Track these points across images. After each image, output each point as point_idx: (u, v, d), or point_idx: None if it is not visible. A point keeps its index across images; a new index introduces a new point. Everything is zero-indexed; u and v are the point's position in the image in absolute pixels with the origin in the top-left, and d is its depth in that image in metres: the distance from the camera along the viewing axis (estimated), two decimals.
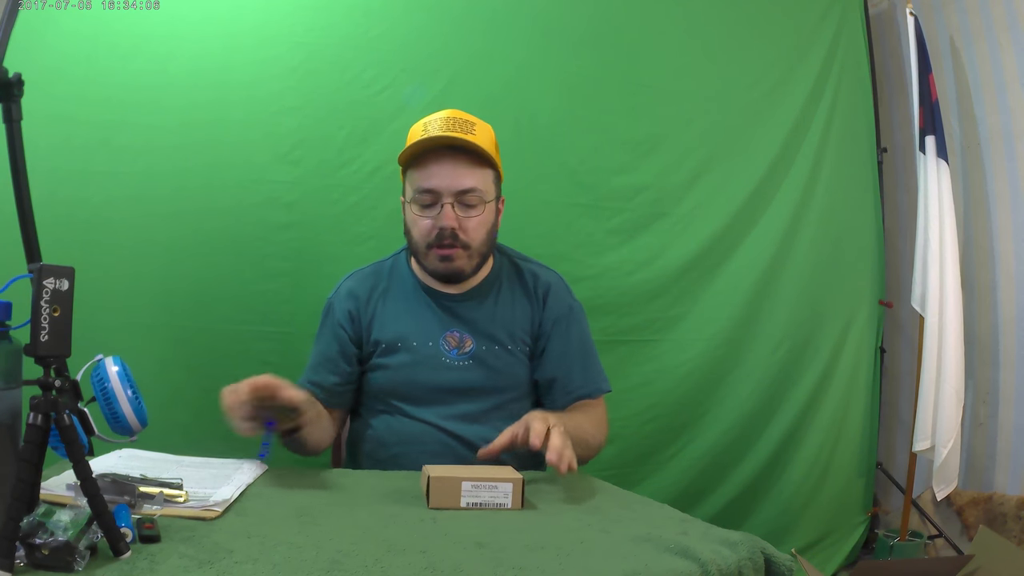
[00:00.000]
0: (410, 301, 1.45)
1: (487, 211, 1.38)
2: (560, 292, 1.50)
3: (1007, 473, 2.24)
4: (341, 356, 1.43)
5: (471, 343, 1.41)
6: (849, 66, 2.49)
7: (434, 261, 1.38)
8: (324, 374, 1.43)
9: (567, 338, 1.46)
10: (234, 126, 1.85)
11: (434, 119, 1.37)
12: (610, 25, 2.18)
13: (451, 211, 1.33)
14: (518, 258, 1.54)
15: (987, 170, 2.36)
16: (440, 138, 1.33)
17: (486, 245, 1.40)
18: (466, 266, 1.38)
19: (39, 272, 0.68)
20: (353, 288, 1.47)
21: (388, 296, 1.46)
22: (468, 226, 1.36)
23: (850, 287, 2.45)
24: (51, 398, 0.69)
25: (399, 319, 1.43)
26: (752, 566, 0.83)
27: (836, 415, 2.38)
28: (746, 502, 2.28)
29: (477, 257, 1.39)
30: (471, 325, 1.42)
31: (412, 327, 1.42)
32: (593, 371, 1.48)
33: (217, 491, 0.93)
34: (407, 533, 0.85)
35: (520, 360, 1.44)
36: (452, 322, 1.42)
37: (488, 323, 1.43)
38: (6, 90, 0.73)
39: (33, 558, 0.65)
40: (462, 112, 1.40)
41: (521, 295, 1.48)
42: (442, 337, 1.41)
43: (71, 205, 1.74)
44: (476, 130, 1.37)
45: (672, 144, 2.23)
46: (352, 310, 1.44)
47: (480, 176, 1.36)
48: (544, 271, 1.52)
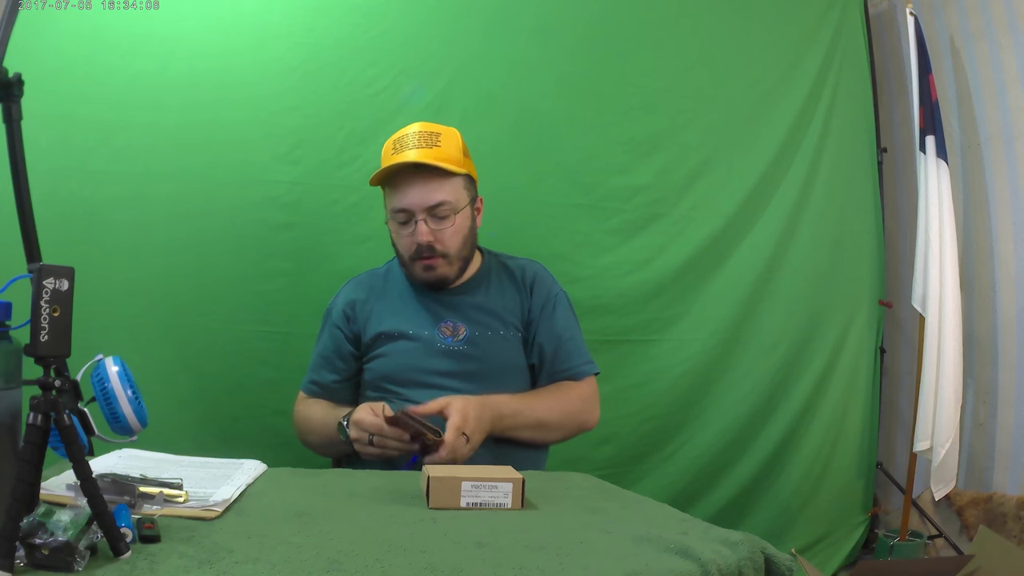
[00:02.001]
0: (405, 299, 1.54)
1: (460, 219, 1.46)
2: (545, 280, 1.58)
3: (1007, 473, 2.24)
4: (337, 355, 1.53)
5: (464, 330, 1.48)
6: (849, 66, 2.49)
7: (419, 271, 1.48)
8: (323, 373, 1.54)
9: (551, 322, 1.54)
10: (234, 126, 1.85)
11: (402, 136, 1.45)
12: (609, 26, 2.18)
13: (424, 227, 1.42)
14: (504, 257, 1.62)
15: (987, 170, 2.36)
16: (404, 164, 1.42)
17: (465, 249, 1.50)
18: (448, 272, 1.48)
19: (39, 272, 0.68)
20: (350, 292, 1.58)
21: (385, 295, 1.55)
22: (443, 237, 1.45)
23: (850, 287, 2.45)
24: (51, 398, 0.69)
25: (396, 314, 1.51)
26: (752, 566, 0.83)
27: (836, 415, 2.38)
28: (745, 502, 2.27)
29: (458, 262, 1.49)
30: (463, 313, 1.50)
31: (409, 319, 1.50)
32: (576, 353, 1.53)
33: (217, 491, 0.93)
34: (407, 533, 0.85)
35: (513, 345, 1.51)
36: (446, 312, 1.50)
37: (480, 311, 1.50)
38: (6, 90, 0.73)
39: (33, 558, 0.65)
40: (429, 124, 1.48)
41: (510, 285, 1.56)
42: (437, 327, 1.49)
43: (71, 205, 1.74)
44: (442, 140, 1.44)
45: (671, 144, 2.23)
46: (348, 311, 1.54)
47: (449, 188, 1.44)
48: (529, 263, 1.61)
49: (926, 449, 2.17)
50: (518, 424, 1.40)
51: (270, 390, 1.84)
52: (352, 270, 1.69)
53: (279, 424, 1.83)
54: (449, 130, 1.47)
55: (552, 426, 1.46)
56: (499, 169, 2.02)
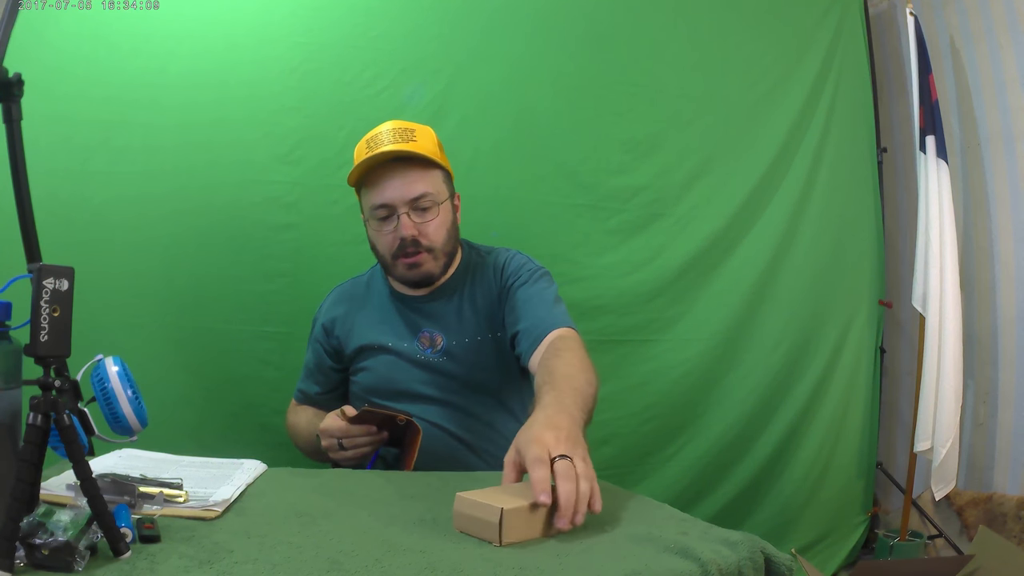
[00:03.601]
0: (384, 310, 1.51)
1: (442, 211, 1.42)
2: (513, 260, 1.49)
3: (1007, 473, 2.24)
4: (318, 369, 1.55)
5: (442, 340, 1.45)
6: (849, 66, 2.49)
7: (402, 270, 1.43)
8: (309, 383, 1.57)
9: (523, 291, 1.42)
10: (234, 126, 1.85)
11: (376, 135, 1.42)
12: (609, 26, 2.18)
13: (408, 220, 1.38)
14: (483, 251, 1.56)
15: (987, 170, 2.36)
16: (382, 153, 1.37)
17: (449, 244, 1.45)
18: (433, 268, 1.43)
19: (39, 272, 0.68)
20: (332, 305, 1.57)
21: (365, 307, 1.53)
22: (427, 230, 1.40)
23: (850, 287, 2.45)
24: (51, 398, 0.69)
25: (375, 327, 1.49)
26: (752, 566, 0.83)
27: (836, 415, 2.38)
28: (746, 502, 2.28)
29: (443, 257, 1.44)
30: (440, 322, 1.47)
31: (388, 332, 1.48)
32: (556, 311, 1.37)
33: (217, 491, 0.93)
34: (407, 533, 0.85)
35: (491, 348, 1.45)
36: (424, 322, 1.47)
37: (456, 319, 1.47)
38: (6, 90, 0.73)
39: (33, 558, 0.65)
40: (401, 121, 1.44)
41: (488, 280, 1.49)
42: (416, 338, 1.46)
43: (71, 205, 1.74)
44: (417, 135, 1.41)
45: (671, 144, 2.23)
46: (328, 325, 1.54)
47: (429, 179, 1.40)
48: (501, 251, 1.54)
49: (926, 449, 2.17)
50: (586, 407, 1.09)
51: (270, 390, 1.84)
52: (352, 270, 1.69)
53: (279, 424, 1.82)
54: (423, 127, 1.44)
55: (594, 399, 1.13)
56: (499, 169, 2.03)
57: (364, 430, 1.29)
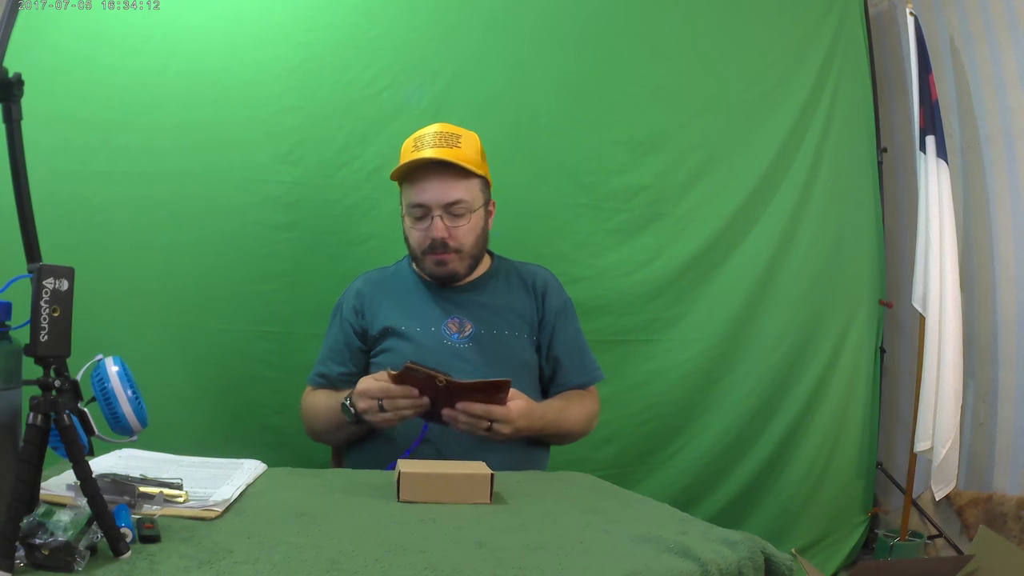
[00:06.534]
0: (412, 294, 1.56)
1: (475, 218, 1.50)
2: (557, 288, 1.62)
3: (1007, 473, 2.24)
4: (347, 348, 1.54)
5: (471, 327, 1.50)
6: (849, 66, 2.49)
7: (430, 266, 1.51)
8: (331, 365, 1.55)
9: (564, 332, 1.57)
10: (234, 126, 1.85)
11: (423, 135, 1.48)
12: (610, 26, 2.18)
13: (440, 223, 1.45)
14: (514, 262, 1.65)
15: (987, 170, 2.36)
16: (425, 160, 1.45)
17: (477, 247, 1.53)
18: (459, 268, 1.51)
19: (39, 272, 0.68)
20: (360, 287, 1.59)
21: (393, 291, 1.57)
22: (457, 234, 1.48)
23: (850, 287, 2.45)
24: (51, 398, 0.69)
25: (403, 309, 1.53)
26: (752, 566, 0.83)
27: (836, 415, 2.38)
28: (746, 502, 2.27)
29: (469, 259, 1.51)
30: (470, 311, 1.52)
31: (416, 315, 1.51)
32: (586, 363, 1.59)
33: (217, 491, 0.93)
34: (407, 533, 0.85)
35: (521, 344, 1.52)
36: (453, 309, 1.52)
37: (487, 310, 1.53)
38: (6, 90, 0.73)
39: (33, 558, 0.65)
40: (449, 125, 1.51)
41: (519, 289, 1.58)
42: (444, 324, 1.50)
43: (71, 205, 1.74)
44: (462, 142, 1.48)
45: (671, 144, 2.23)
46: (357, 306, 1.56)
47: (466, 187, 1.47)
48: (539, 269, 1.64)
49: (926, 449, 2.17)
50: (550, 432, 1.47)
51: (270, 390, 1.84)
52: (352, 270, 1.69)
53: (279, 424, 1.83)
54: (469, 133, 1.51)
55: (573, 435, 1.53)
56: (499, 169, 2.01)
57: (405, 391, 1.26)
